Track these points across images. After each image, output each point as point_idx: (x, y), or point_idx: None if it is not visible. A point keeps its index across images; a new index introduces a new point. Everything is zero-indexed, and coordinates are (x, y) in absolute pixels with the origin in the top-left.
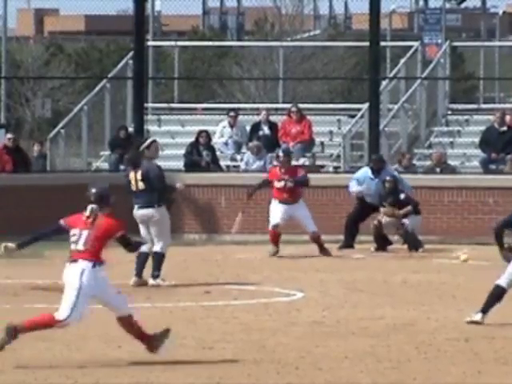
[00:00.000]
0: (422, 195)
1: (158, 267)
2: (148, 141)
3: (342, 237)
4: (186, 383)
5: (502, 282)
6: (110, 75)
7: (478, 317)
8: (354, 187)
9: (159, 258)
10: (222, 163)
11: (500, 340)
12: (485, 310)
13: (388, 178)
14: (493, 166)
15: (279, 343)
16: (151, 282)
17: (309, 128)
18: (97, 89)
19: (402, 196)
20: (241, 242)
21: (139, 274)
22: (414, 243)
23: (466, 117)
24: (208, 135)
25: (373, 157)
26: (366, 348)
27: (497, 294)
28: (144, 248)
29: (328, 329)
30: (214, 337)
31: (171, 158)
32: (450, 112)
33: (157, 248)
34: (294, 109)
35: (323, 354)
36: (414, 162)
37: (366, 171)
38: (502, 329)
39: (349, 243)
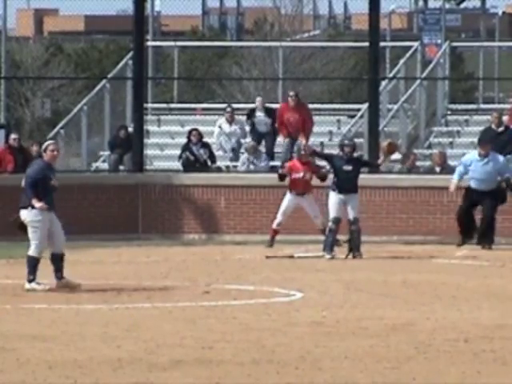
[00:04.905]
0: (422, 195)
1: (29, 271)
2: (45, 143)
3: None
4: (185, 383)
5: None
6: (109, 75)
7: None
8: (453, 180)
9: (29, 262)
10: (222, 163)
11: (499, 340)
12: None
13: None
14: None
15: (279, 343)
16: (26, 286)
17: (309, 117)
18: (96, 89)
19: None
20: (240, 242)
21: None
22: None
23: (465, 117)
24: (199, 133)
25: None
26: (365, 348)
27: None
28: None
29: (327, 329)
30: (214, 337)
31: (171, 158)
32: (449, 112)
33: (28, 251)
34: (291, 93)
35: (323, 354)
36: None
37: (472, 155)
38: (501, 329)
39: (466, 239)
